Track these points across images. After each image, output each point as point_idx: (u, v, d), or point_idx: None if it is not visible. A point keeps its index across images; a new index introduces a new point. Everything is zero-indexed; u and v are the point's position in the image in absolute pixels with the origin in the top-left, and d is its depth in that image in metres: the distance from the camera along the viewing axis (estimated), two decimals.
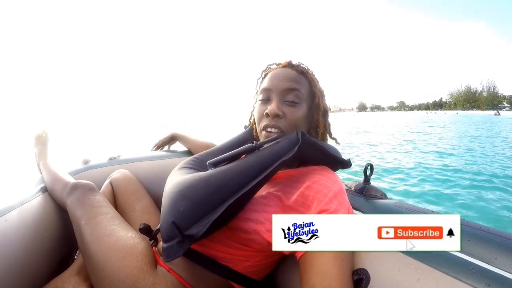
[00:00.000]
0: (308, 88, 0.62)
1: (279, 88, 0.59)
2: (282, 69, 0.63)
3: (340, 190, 0.50)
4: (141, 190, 0.88)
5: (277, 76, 0.61)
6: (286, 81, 0.59)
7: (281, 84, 0.59)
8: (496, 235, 0.44)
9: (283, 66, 0.64)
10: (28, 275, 0.62)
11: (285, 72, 0.61)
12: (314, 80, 0.64)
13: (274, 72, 0.63)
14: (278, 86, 0.59)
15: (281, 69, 0.63)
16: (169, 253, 0.45)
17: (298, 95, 0.59)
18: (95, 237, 0.57)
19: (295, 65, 0.64)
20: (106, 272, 0.52)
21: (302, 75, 0.62)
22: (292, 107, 0.59)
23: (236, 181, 0.48)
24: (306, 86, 0.61)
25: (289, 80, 0.59)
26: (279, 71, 0.62)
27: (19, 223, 0.64)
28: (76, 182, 0.71)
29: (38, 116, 42.94)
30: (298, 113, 0.59)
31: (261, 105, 0.62)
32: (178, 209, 0.47)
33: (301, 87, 0.59)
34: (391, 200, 0.62)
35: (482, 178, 4.03)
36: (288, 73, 0.61)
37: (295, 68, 0.62)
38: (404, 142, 8.62)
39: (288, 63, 0.65)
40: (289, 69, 0.62)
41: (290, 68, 0.62)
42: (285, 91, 0.59)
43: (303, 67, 0.64)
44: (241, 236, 0.52)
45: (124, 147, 1.23)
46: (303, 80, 0.61)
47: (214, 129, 12.30)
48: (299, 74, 0.61)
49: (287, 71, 0.61)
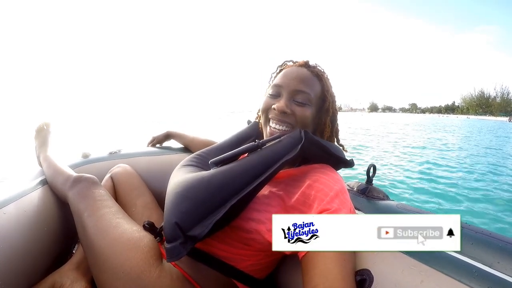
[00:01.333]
0: (320, 91, 0.61)
1: (290, 87, 0.58)
2: (297, 68, 0.62)
3: (341, 189, 0.50)
4: (142, 185, 0.88)
5: (290, 74, 0.60)
6: (298, 82, 0.58)
7: (292, 83, 0.58)
8: (498, 239, 0.44)
9: (299, 65, 0.63)
10: (25, 269, 0.61)
11: (299, 71, 0.60)
12: (328, 85, 0.63)
13: (289, 69, 0.62)
14: (289, 84, 0.59)
15: (296, 67, 0.62)
16: (173, 254, 0.45)
17: (308, 97, 0.58)
18: (99, 229, 0.57)
19: (311, 67, 0.63)
20: (110, 264, 0.52)
21: (316, 78, 0.61)
22: (301, 107, 0.58)
23: (238, 181, 0.47)
24: (318, 89, 0.60)
25: (302, 81, 0.58)
26: (294, 69, 0.61)
27: (18, 216, 0.63)
28: (79, 175, 0.70)
29: (40, 109, 42.49)
30: (307, 113, 0.58)
31: (269, 99, 0.61)
32: (180, 210, 0.47)
33: (312, 91, 0.59)
34: (393, 202, 0.62)
35: (494, 185, 3.97)
36: (302, 73, 0.60)
37: (310, 69, 0.62)
38: (411, 143, 8.60)
39: (305, 63, 0.64)
40: (305, 70, 0.61)
41: (306, 68, 0.62)
42: (295, 92, 0.58)
43: (319, 70, 0.63)
44: (243, 235, 0.52)
45: (128, 144, 1.23)
46: (316, 83, 0.60)
47: (221, 128, 12.23)
48: (314, 76, 0.60)
49: (302, 70, 0.61)
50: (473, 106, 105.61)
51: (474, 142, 9.83)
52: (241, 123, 0.79)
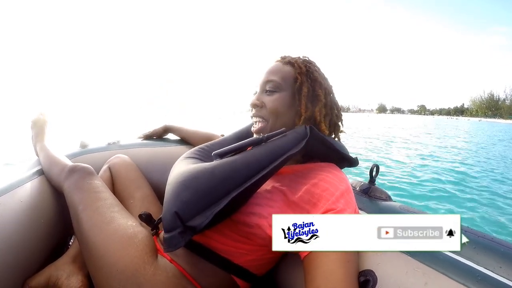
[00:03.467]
0: (291, 76, 0.59)
1: (261, 80, 0.61)
2: (270, 63, 0.64)
3: (347, 189, 0.50)
4: (141, 177, 0.87)
5: (263, 69, 0.62)
6: (266, 73, 0.61)
7: (263, 76, 0.61)
8: (501, 244, 0.44)
9: (275, 61, 0.64)
10: (21, 261, 0.60)
11: (270, 65, 0.62)
12: (301, 67, 0.61)
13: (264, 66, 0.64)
14: (261, 78, 0.61)
15: (271, 63, 0.64)
16: (170, 244, 0.44)
17: (275, 84, 0.59)
18: (93, 224, 0.56)
19: (284, 57, 0.64)
20: (104, 261, 0.51)
21: (288, 65, 0.61)
22: (270, 96, 0.59)
23: (241, 173, 0.47)
24: (287, 75, 0.59)
25: (269, 72, 0.60)
26: (267, 65, 0.63)
27: (13, 207, 0.62)
28: (74, 165, 0.69)
29: (37, 99, 41.84)
30: (275, 100, 0.58)
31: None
32: (181, 199, 0.46)
33: (279, 77, 0.59)
34: (396, 203, 0.62)
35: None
36: (272, 66, 0.62)
37: (282, 60, 0.62)
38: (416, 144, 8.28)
39: (281, 57, 0.64)
40: (276, 62, 0.62)
41: (278, 61, 0.63)
42: (264, 83, 0.60)
43: (291, 57, 0.63)
44: (244, 229, 0.51)
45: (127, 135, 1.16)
46: (286, 69, 0.60)
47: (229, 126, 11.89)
48: (284, 64, 0.61)
49: (273, 64, 0.62)
50: (483, 108, 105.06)
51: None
52: (240, 124, 0.78)
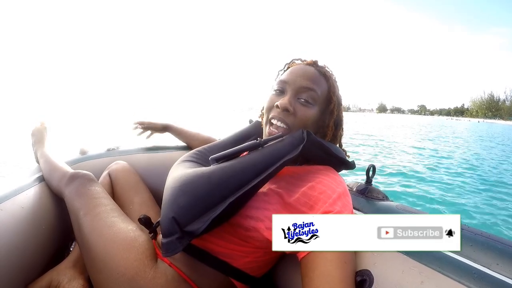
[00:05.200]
0: (326, 92, 0.59)
1: (296, 84, 0.57)
2: (305, 66, 0.61)
3: (344, 191, 0.50)
4: (140, 183, 0.87)
5: (297, 71, 0.59)
6: (304, 79, 0.57)
7: (299, 80, 0.57)
8: (497, 241, 0.44)
9: (307, 64, 0.62)
10: (22, 266, 0.60)
11: (307, 69, 0.59)
12: (334, 86, 0.61)
13: (297, 67, 0.61)
14: (295, 81, 0.57)
15: (304, 65, 0.61)
16: (168, 249, 0.44)
17: (313, 96, 0.56)
18: (94, 228, 0.56)
19: (320, 66, 0.62)
20: (105, 264, 0.51)
21: (323, 78, 0.59)
22: (305, 107, 0.56)
23: (238, 178, 0.47)
24: (324, 90, 0.59)
25: (308, 79, 0.57)
26: (301, 67, 0.60)
27: (14, 213, 0.63)
28: (75, 172, 0.70)
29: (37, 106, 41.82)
30: (309, 112, 0.56)
31: (273, 96, 0.60)
32: (178, 204, 0.46)
33: (318, 89, 0.57)
34: (393, 202, 0.62)
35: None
36: (309, 71, 0.58)
37: (318, 68, 0.60)
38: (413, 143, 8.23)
39: (314, 62, 0.63)
40: (312, 68, 0.60)
41: (313, 67, 0.60)
42: (301, 88, 0.56)
43: (327, 70, 0.62)
44: (241, 232, 0.52)
45: (127, 141, 1.15)
46: (323, 82, 0.59)
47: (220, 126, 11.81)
48: (321, 75, 0.59)
49: (309, 69, 0.59)
50: (483, 109, 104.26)
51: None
52: (241, 122, 0.78)
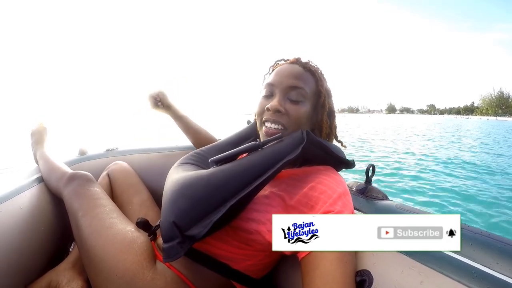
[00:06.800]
0: (314, 86, 0.60)
1: (283, 84, 0.57)
2: (289, 65, 0.61)
3: (344, 191, 0.50)
4: (139, 183, 0.87)
5: (282, 72, 0.59)
6: (290, 78, 0.57)
7: (285, 80, 0.57)
8: (497, 241, 0.44)
9: (290, 63, 0.62)
10: (21, 267, 0.60)
11: (291, 68, 0.59)
12: (322, 79, 0.62)
13: (281, 67, 0.61)
14: (282, 82, 0.58)
15: (288, 65, 0.61)
16: (170, 254, 0.44)
17: (302, 93, 0.57)
18: (92, 229, 0.56)
19: (303, 62, 0.62)
20: (103, 265, 0.51)
21: (309, 73, 0.60)
22: (295, 105, 0.57)
23: (238, 180, 0.47)
24: (312, 85, 0.59)
25: (294, 77, 0.57)
26: (286, 67, 0.60)
27: (13, 214, 0.63)
28: (73, 173, 0.69)
29: (37, 106, 41.97)
30: (301, 110, 0.57)
31: (263, 100, 0.60)
32: (178, 207, 0.46)
33: (306, 86, 0.58)
34: (393, 202, 0.61)
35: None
36: (294, 70, 0.59)
37: (302, 65, 0.61)
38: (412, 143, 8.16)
39: (296, 59, 0.63)
40: (296, 66, 0.60)
41: (297, 64, 0.61)
42: (288, 88, 0.57)
43: (312, 65, 0.62)
44: (243, 235, 0.51)
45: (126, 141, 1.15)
46: (309, 78, 0.59)
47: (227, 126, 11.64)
48: (306, 71, 0.60)
49: (293, 67, 0.60)
50: (493, 106, 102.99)
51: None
52: (236, 127, 0.77)
